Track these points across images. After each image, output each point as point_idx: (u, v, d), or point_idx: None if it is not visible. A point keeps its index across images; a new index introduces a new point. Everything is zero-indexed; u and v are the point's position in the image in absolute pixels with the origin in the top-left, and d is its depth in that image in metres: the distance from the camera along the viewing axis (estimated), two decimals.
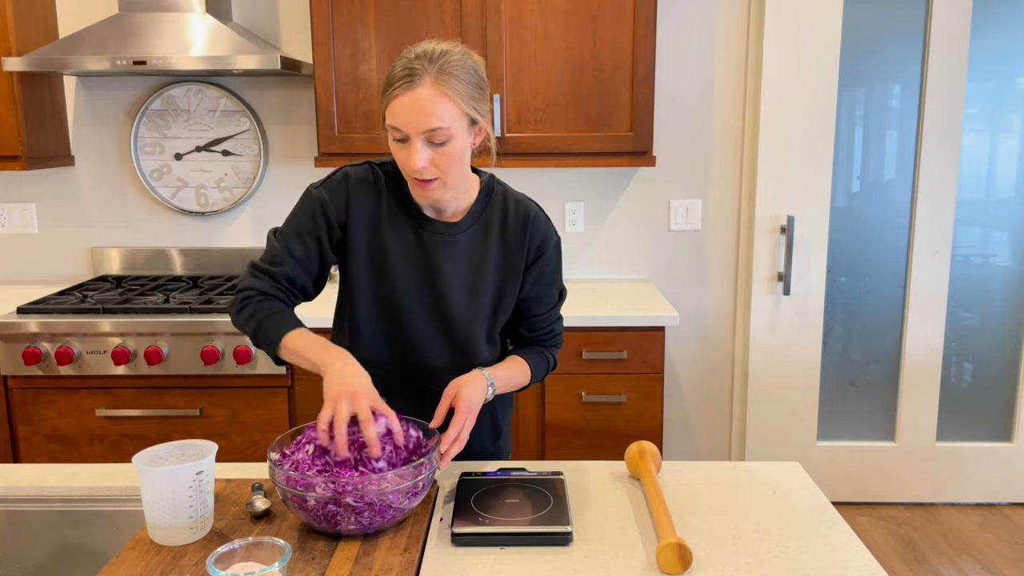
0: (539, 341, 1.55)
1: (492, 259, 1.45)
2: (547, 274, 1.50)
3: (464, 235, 1.44)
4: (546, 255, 1.48)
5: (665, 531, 1.15)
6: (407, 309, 1.44)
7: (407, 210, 1.43)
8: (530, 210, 1.48)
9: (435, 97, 1.26)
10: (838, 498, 3.23)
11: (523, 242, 1.46)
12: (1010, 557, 2.84)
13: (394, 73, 1.29)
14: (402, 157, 1.32)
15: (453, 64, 1.28)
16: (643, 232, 3.08)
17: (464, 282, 1.44)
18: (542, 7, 2.61)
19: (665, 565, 1.11)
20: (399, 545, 1.16)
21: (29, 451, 2.56)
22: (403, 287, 1.43)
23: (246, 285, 1.40)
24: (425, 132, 1.27)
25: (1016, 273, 3.12)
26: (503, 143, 2.66)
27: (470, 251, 1.44)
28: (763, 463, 1.46)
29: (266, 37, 2.93)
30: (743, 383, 3.16)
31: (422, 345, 1.47)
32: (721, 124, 3.02)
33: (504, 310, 1.49)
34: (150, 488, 1.14)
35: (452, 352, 1.47)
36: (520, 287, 1.48)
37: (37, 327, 2.46)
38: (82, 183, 3.04)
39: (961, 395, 3.21)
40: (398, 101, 1.27)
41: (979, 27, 2.94)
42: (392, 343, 1.47)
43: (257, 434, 2.55)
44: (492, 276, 1.46)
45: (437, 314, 1.45)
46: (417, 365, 1.48)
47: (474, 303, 1.45)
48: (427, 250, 1.43)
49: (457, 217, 1.45)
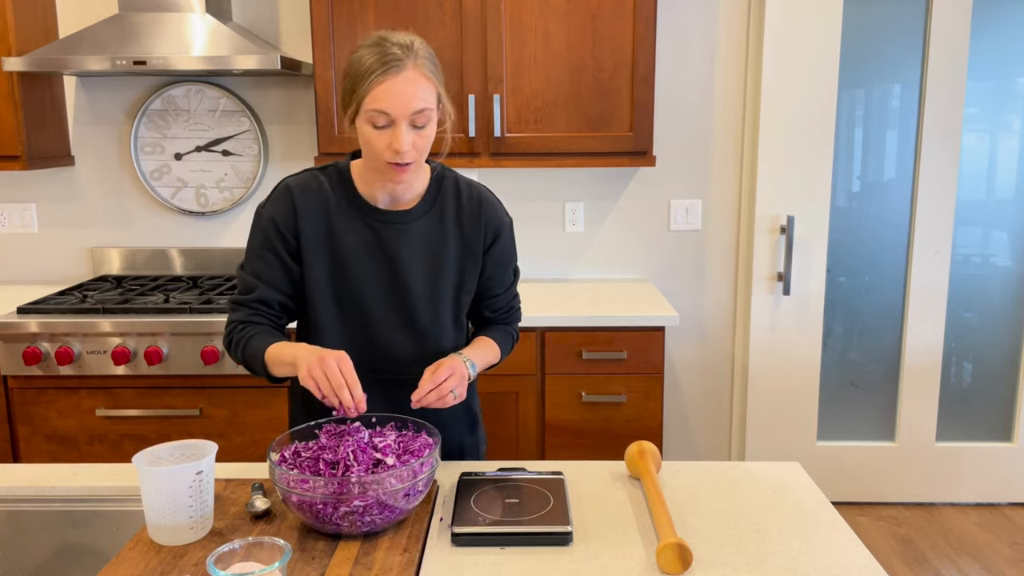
0: (501, 320, 1.61)
1: (451, 243, 1.49)
2: (505, 255, 1.56)
3: (420, 221, 1.47)
4: (502, 236, 1.54)
5: (665, 531, 1.15)
6: (369, 302, 1.46)
7: (357, 205, 1.46)
8: (483, 194, 1.53)
9: (419, 79, 1.32)
10: (838, 498, 3.23)
11: (479, 225, 1.50)
12: (1010, 557, 2.84)
13: (369, 61, 1.31)
14: (383, 142, 1.34)
15: (422, 49, 1.35)
16: (643, 232, 3.08)
17: (424, 267, 1.47)
18: (542, 7, 2.61)
19: (665, 565, 1.11)
20: (399, 545, 1.16)
21: (29, 451, 2.56)
22: (363, 280, 1.45)
23: (228, 321, 1.46)
24: (412, 114, 1.32)
25: (1016, 273, 3.12)
26: (503, 143, 2.66)
27: (428, 237, 1.47)
28: (763, 463, 1.46)
29: (266, 37, 2.93)
30: (743, 383, 3.16)
31: (387, 336, 1.47)
32: (721, 124, 3.02)
33: (467, 291, 1.53)
34: (150, 488, 1.14)
35: (417, 340, 1.49)
36: (481, 269, 1.53)
37: (37, 327, 2.46)
38: (82, 183, 3.04)
39: (961, 395, 3.21)
40: (384, 86, 1.30)
41: (979, 27, 2.94)
42: (356, 340, 1.47)
43: (257, 434, 2.55)
44: (452, 260, 1.49)
45: (400, 302, 1.47)
46: (383, 358, 1.48)
47: (436, 287, 1.48)
48: (383, 240, 1.45)
49: (409, 205, 1.48)
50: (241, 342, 1.42)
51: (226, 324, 1.47)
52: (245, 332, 1.42)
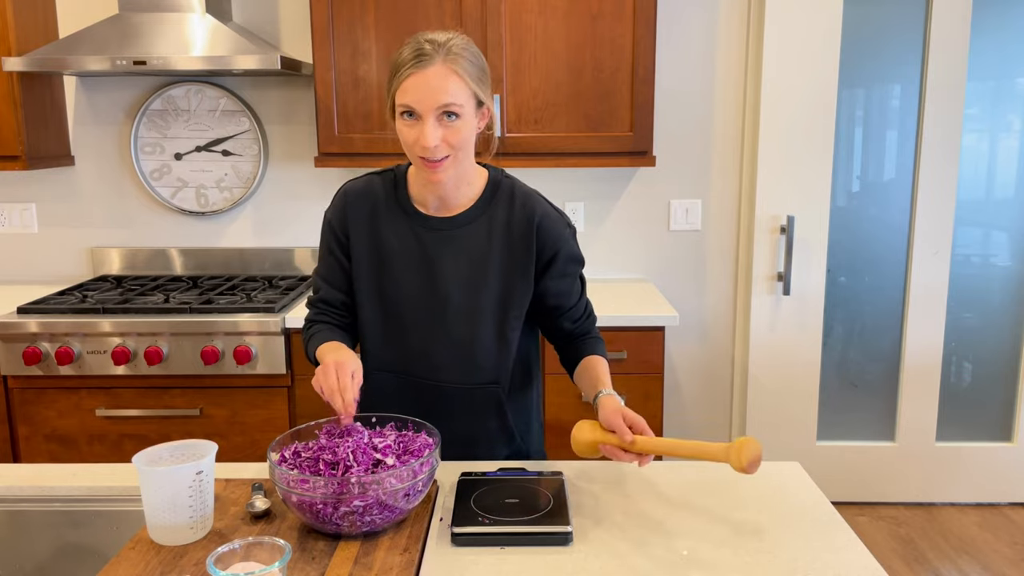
0: (583, 329, 1.56)
1: (496, 255, 1.45)
2: (569, 265, 1.49)
3: (465, 229, 1.45)
4: (560, 252, 1.47)
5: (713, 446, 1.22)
6: (407, 306, 1.46)
7: (404, 209, 1.47)
8: (536, 209, 1.46)
9: (446, 74, 1.31)
10: (838, 498, 3.23)
11: (530, 244, 1.45)
12: (1010, 557, 2.84)
13: (403, 57, 1.33)
14: (412, 137, 1.33)
15: (459, 47, 1.34)
16: (643, 232, 3.08)
17: (466, 276, 1.45)
18: (542, 7, 2.61)
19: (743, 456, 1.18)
20: (399, 545, 1.16)
21: (29, 451, 2.56)
22: (403, 284, 1.46)
23: (304, 319, 1.57)
24: (437, 108, 1.31)
25: (1016, 273, 3.12)
26: (503, 143, 2.66)
27: (472, 246, 1.45)
28: (763, 463, 1.46)
29: (266, 37, 2.93)
30: (743, 383, 3.16)
31: (422, 343, 1.47)
32: (721, 124, 3.02)
33: (516, 307, 1.47)
34: (150, 488, 1.14)
35: (453, 350, 1.47)
36: (540, 286, 1.48)
37: (37, 327, 2.46)
38: (82, 183, 3.04)
39: (961, 395, 3.21)
40: (410, 80, 1.31)
41: (979, 27, 2.94)
42: (396, 341, 1.49)
43: (257, 434, 2.55)
44: (496, 272, 1.45)
45: (437, 310, 1.46)
46: (418, 362, 1.49)
47: (476, 298, 1.45)
48: (425, 245, 1.45)
49: (458, 211, 1.46)
50: (307, 341, 1.50)
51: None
52: (311, 331, 1.51)
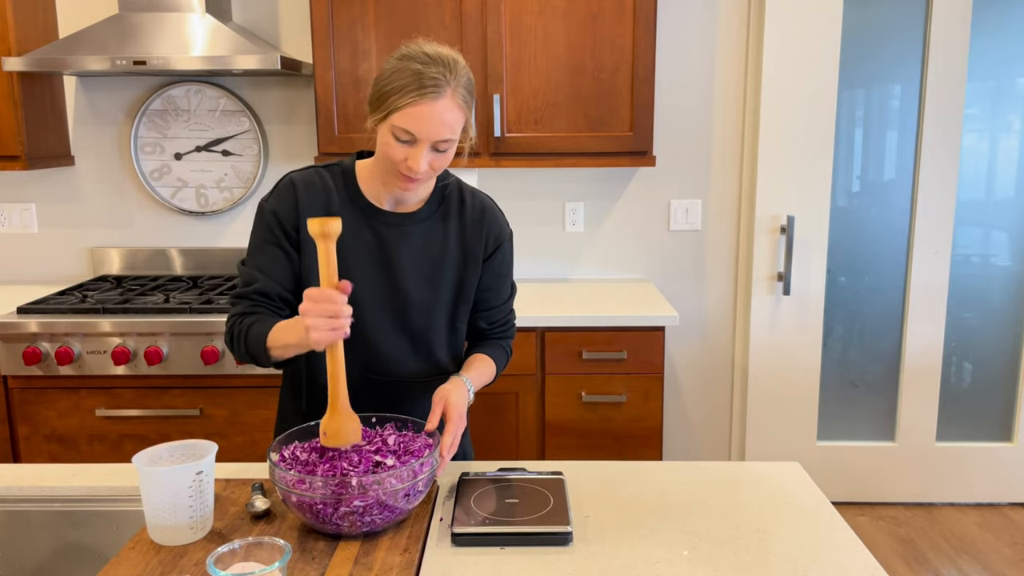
0: (496, 333, 1.60)
1: (452, 248, 1.48)
2: (504, 266, 1.56)
3: (422, 225, 1.47)
4: (502, 247, 1.54)
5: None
6: (363, 301, 1.43)
7: (359, 205, 1.45)
8: (486, 202, 1.54)
9: (453, 109, 1.31)
10: (838, 498, 3.23)
11: (481, 232, 1.50)
12: (1010, 557, 2.84)
13: (406, 78, 1.29)
14: (400, 155, 1.33)
15: (462, 71, 1.33)
16: (643, 232, 3.08)
17: (422, 271, 1.46)
18: (542, 7, 2.61)
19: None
20: (399, 545, 1.16)
21: (29, 451, 2.56)
22: (358, 279, 1.42)
23: (228, 317, 1.43)
24: (436, 140, 1.32)
25: (1016, 273, 3.12)
26: (503, 143, 2.66)
27: (428, 241, 1.47)
28: (763, 463, 1.46)
29: (266, 37, 2.93)
30: (743, 383, 3.16)
31: (380, 336, 1.46)
32: (721, 124, 3.02)
33: (465, 299, 1.52)
34: (150, 488, 1.14)
35: (410, 343, 1.48)
36: (480, 279, 1.53)
37: (37, 327, 2.46)
38: (82, 183, 3.04)
39: (961, 395, 3.21)
40: (417, 109, 1.28)
41: (979, 27, 2.94)
42: (352, 337, 1.41)
43: (257, 434, 2.55)
44: (452, 265, 1.49)
45: (395, 304, 1.46)
46: (375, 357, 1.47)
47: (433, 292, 1.48)
48: (382, 241, 1.45)
49: (413, 208, 1.47)
50: (242, 333, 1.38)
51: (226, 322, 1.43)
52: (244, 323, 1.38)
